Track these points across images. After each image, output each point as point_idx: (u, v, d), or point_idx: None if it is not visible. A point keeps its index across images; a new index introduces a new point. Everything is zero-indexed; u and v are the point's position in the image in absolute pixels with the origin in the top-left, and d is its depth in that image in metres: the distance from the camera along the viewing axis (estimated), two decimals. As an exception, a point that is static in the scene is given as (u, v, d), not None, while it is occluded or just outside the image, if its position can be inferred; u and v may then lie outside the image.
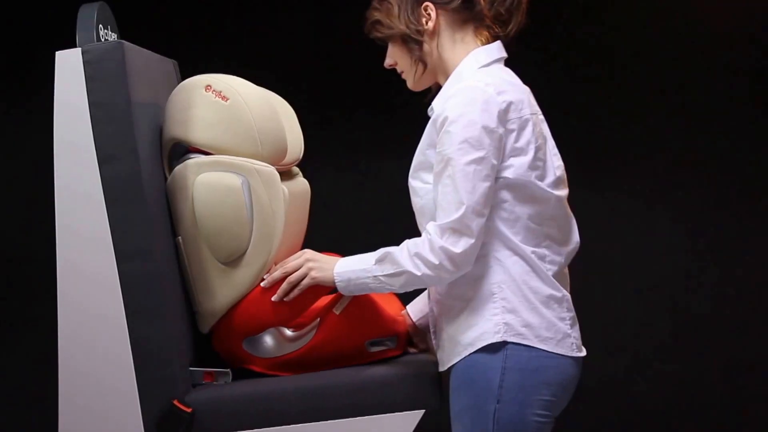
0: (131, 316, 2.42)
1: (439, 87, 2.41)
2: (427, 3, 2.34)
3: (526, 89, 2.36)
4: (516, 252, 2.28)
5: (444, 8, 2.34)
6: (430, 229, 2.25)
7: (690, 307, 4.03)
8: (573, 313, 2.34)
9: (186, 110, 2.51)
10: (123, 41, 2.45)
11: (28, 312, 4.19)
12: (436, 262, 2.23)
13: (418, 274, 2.25)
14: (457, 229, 2.21)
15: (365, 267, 2.33)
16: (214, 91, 2.50)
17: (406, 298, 2.77)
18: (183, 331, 2.52)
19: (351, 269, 2.35)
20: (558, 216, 2.34)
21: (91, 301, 2.43)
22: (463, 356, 2.28)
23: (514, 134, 2.26)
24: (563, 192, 2.35)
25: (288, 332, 2.63)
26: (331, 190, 3.10)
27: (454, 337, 2.31)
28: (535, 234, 2.30)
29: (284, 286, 2.46)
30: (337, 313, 2.51)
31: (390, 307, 2.58)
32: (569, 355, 2.29)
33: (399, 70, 2.42)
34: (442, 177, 2.24)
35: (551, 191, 2.30)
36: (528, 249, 2.28)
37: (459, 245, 2.21)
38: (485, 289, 2.28)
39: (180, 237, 2.53)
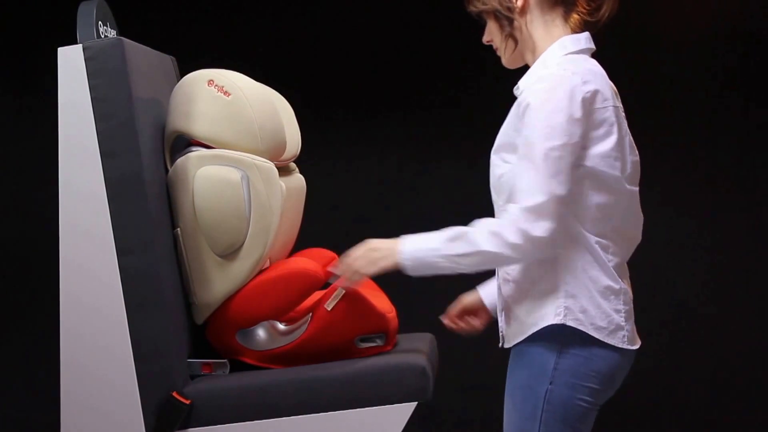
0: (131, 310, 2.44)
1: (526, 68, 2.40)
2: None
3: (611, 83, 2.35)
4: (580, 240, 2.29)
5: None
6: (511, 209, 2.23)
7: (689, 303, 4.05)
8: (629, 307, 2.35)
9: (188, 104, 2.54)
10: (122, 38, 2.47)
11: (30, 305, 4.19)
12: (517, 243, 2.22)
13: (496, 251, 2.23)
14: (538, 212, 2.21)
15: (435, 246, 2.28)
16: (216, 86, 2.53)
17: (402, 300, 2.80)
18: (181, 324, 2.55)
19: (419, 248, 2.30)
20: (627, 210, 2.34)
21: (91, 295, 2.45)
22: (527, 335, 2.30)
23: (596, 124, 2.27)
24: (636, 188, 2.36)
25: (280, 326, 2.66)
26: (326, 186, 3.11)
27: (519, 316, 2.32)
28: (601, 224, 2.30)
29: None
30: (329, 309, 2.55)
31: (380, 304, 2.61)
32: (619, 346, 2.30)
33: (494, 47, 2.41)
34: (525, 161, 2.23)
35: (625, 185, 2.32)
36: (593, 238, 2.29)
37: (539, 228, 2.21)
38: (551, 273, 2.29)
39: (179, 228, 2.56)
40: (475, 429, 3.96)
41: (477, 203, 4.00)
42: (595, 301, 2.29)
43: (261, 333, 2.63)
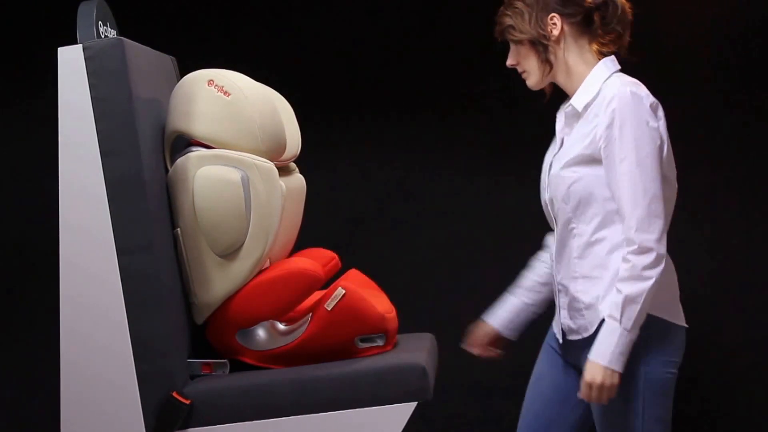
0: (131, 310, 2.44)
1: (553, 87, 2.75)
2: (553, 14, 2.66)
3: None
4: None
5: (568, 20, 2.67)
6: (625, 245, 2.54)
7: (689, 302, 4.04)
8: (678, 291, 2.70)
9: (188, 104, 2.55)
10: (122, 38, 2.48)
11: (30, 305, 4.19)
12: (651, 259, 2.53)
13: (651, 283, 2.52)
14: (648, 215, 2.53)
15: (620, 334, 2.53)
16: (216, 86, 2.53)
17: (402, 300, 2.81)
18: (181, 324, 2.55)
19: (614, 352, 2.53)
20: (671, 204, 2.67)
21: (91, 295, 2.45)
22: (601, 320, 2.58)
23: (662, 131, 2.61)
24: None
25: (280, 326, 2.66)
26: (326, 186, 3.11)
27: (595, 303, 2.61)
28: (668, 218, 2.64)
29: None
30: (329, 309, 2.55)
31: (380, 304, 2.62)
32: (682, 325, 2.66)
33: (520, 70, 2.73)
34: (621, 174, 2.55)
35: (675, 182, 2.67)
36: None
37: (654, 230, 2.54)
38: (618, 261, 2.57)
39: (179, 228, 2.56)
40: (475, 429, 3.96)
41: (477, 203, 4.01)
42: (663, 289, 2.59)
43: (261, 333, 2.63)
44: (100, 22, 2.55)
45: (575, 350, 2.71)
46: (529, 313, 2.90)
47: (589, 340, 2.61)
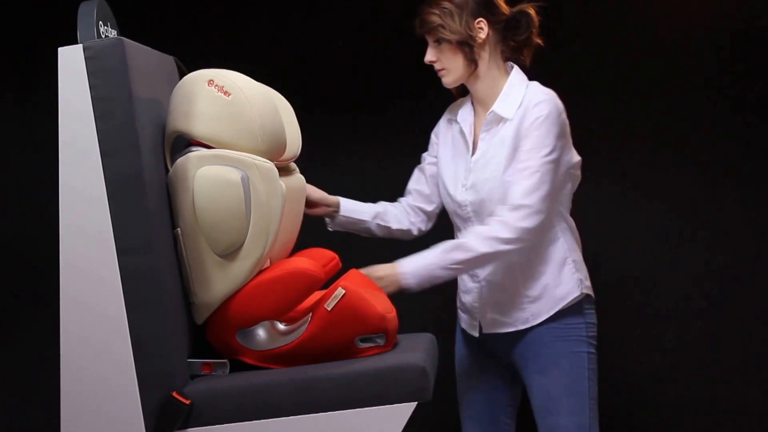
0: (131, 310, 2.44)
1: (463, 88, 2.98)
2: (481, 19, 2.85)
3: None
4: (568, 223, 2.95)
5: (493, 27, 2.87)
6: (502, 210, 2.78)
7: (689, 301, 4.05)
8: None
9: (188, 104, 2.54)
10: (123, 38, 2.47)
11: (30, 304, 4.19)
12: (513, 237, 2.77)
13: (501, 255, 2.78)
14: (533, 208, 2.76)
15: (433, 261, 2.77)
16: (216, 86, 2.53)
17: (402, 300, 2.82)
18: (181, 324, 2.55)
19: (418, 266, 2.77)
20: (573, 191, 2.97)
21: (91, 295, 2.45)
22: (557, 309, 2.88)
23: (568, 133, 2.88)
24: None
25: (280, 326, 2.66)
26: (326, 186, 3.11)
27: (542, 296, 2.89)
28: (569, 208, 2.96)
29: None
30: (329, 309, 2.55)
31: (380, 304, 2.62)
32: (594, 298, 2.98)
33: (439, 67, 2.91)
34: (525, 166, 2.78)
35: (578, 173, 2.96)
36: (571, 220, 2.96)
37: (531, 221, 2.77)
38: (560, 254, 2.91)
39: (179, 229, 2.56)
40: (475, 429, 3.96)
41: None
42: (584, 268, 2.96)
43: (261, 333, 2.63)
44: (100, 22, 2.55)
45: (498, 343, 2.96)
46: (358, 224, 3.11)
47: (525, 332, 2.89)
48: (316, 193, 3.05)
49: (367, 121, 4.12)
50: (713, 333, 4.04)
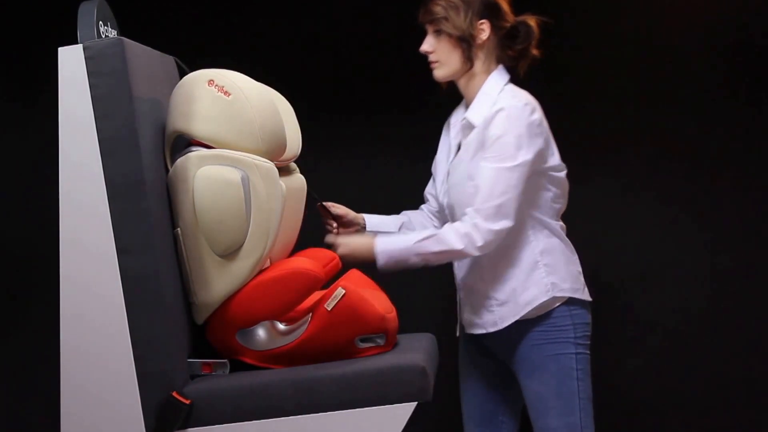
0: (131, 310, 2.44)
1: (451, 84, 2.96)
2: (485, 20, 2.85)
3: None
4: (546, 226, 2.89)
5: (494, 31, 2.88)
6: (470, 212, 2.77)
7: (689, 301, 4.05)
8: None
9: (189, 104, 2.55)
10: (123, 38, 2.47)
11: (30, 304, 4.19)
12: (482, 242, 2.76)
13: (465, 253, 2.78)
14: (498, 212, 2.76)
15: (407, 245, 2.82)
16: (216, 86, 2.53)
17: (402, 300, 2.82)
18: (182, 324, 2.55)
19: (393, 248, 2.83)
20: (564, 194, 2.94)
21: (91, 295, 2.45)
22: (522, 314, 2.86)
23: (544, 140, 2.83)
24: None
25: (280, 326, 2.66)
26: (326, 186, 3.11)
27: (509, 300, 2.88)
28: (555, 211, 2.92)
29: None
30: (329, 309, 2.55)
31: (380, 304, 2.62)
32: (588, 300, 2.95)
33: (434, 59, 2.90)
34: (489, 171, 2.77)
35: (562, 175, 2.92)
36: (554, 223, 2.91)
37: (499, 225, 2.76)
38: (530, 258, 2.87)
39: (179, 228, 2.56)
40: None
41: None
42: (569, 271, 2.92)
43: (261, 333, 2.63)
44: (100, 22, 2.55)
45: (475, 340, 3.00)
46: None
47: (496, 335, 2.90)
48: (341, 210, 3.08)
49: (368, 121, 4.12)
50: (716, 334, 4.04)
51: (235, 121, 2.52)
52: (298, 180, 2.82)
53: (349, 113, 4.12)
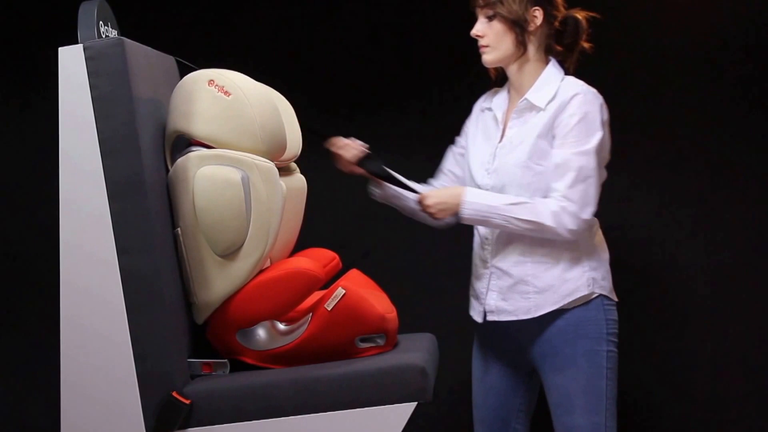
0: (131, 310, 2.44)
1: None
2: (538, 7, 2.86)
3: None
4: (591, 222, 2.89)
5: (547, 19, 2.89)
6: (560, 195, 2.80)
7: (688, 301, 4.04)
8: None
9: (189, 104, 2.55)
10: (123, 38, 2.48)
11: (30, 304, 4.19)
12: (576, 223, 2.79)
13: (552, 227, 2.78)
14: (586, 200, 2.80)
15: (497, 205, 2.81)
16: (216, 86, 2.53)
17: (402, 300, 2.82)
18: (182, 324, 2.55)
19: (482, 202, 2.82)
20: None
21: (91, 295, 2.45)
22: (561, 305, 2.86)
23: (606, 131, 2.88)
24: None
25: (281, 326, 2.67)
26: (326, 186, 3.12)
27: (548, 289, 2.87)
28: (596, 207, 2.89)
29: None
30: (329, 309, 2.56)
31: (380, 304, 2.62)
32: (616, 300, 2.95)
33: (484, 43, 2.89)
34: (571, 159, 2.80)
35: (605, 173, 2.93)
36: (595, 219, 2.91)
37: (586, 213, 2.81)
38: (574, 250, 2.87)
39: (179, 228, 2.56)
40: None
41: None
42: (606, 269, 2.94)
43: (261, 333, 2.64)
44: (101, 22, 2.55)
45: (499, 331, 2.94)
46: (401, 200, 3.12)
47: (525, 324, 2.87)
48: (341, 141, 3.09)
49: (368, 121, 4.12)
50: (716, 334, 4.04)
51: (236, 121, 2.52)
52: (298, 180, 2.82)
53: (349, 113, 4.12)
